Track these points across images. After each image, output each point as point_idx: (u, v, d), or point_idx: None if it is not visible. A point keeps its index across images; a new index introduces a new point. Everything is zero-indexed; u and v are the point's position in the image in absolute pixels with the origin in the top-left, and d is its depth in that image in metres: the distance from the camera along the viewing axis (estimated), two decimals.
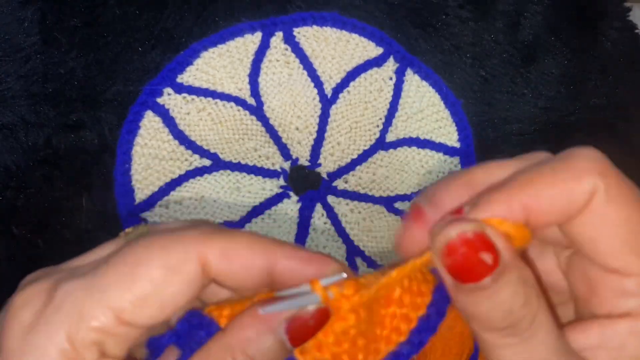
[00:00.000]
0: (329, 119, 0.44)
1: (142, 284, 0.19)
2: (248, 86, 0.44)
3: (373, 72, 0.45)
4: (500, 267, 0.17)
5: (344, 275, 0.20)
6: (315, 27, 0.45)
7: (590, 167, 0.18)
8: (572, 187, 0.18)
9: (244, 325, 0.20)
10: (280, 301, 0.20)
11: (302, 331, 0.20)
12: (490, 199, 0.18)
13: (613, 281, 0.18)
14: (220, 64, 0.43)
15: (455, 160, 0.45)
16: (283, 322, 0.20)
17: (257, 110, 0.43)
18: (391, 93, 0.45)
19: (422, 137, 0.45)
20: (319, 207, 0.43)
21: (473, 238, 0.17)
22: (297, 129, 0.44)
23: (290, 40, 0.44)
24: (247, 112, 0.43)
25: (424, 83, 0.45)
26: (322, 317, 0.20)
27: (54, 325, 0.19)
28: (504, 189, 0.18)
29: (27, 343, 0.18)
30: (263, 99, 0.44)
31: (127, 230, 0.23)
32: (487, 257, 0.17)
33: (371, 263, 0.42)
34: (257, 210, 0.42)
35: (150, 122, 0.42)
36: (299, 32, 0.45)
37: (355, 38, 0.45)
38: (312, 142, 0.44)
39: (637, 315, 0.18)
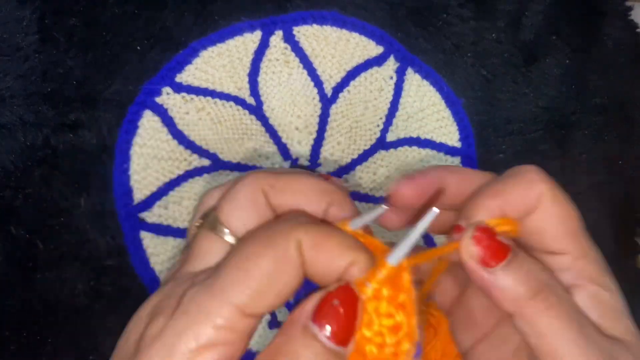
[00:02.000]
0: (329, 119, 0.44)
1: (257, 278, 0.20)
2: (247, 85, 0.43)
3: (373, 71, 0.45)
4: (513, 246, 0.23)
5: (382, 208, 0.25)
6: (315, 26, 0.44)
7: (538, 178, 0.25)
8: (528, 193, 0.24)
9: (289, 338, 0.20)
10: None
11: (330, 314, 0.20)
12: (477, 205, 0.24)
13: (554, 263, 0.24)
14: (220, 63, 0.43)
15: (457, 160, 0.45)
16: (309, 314, 0.20)
17: (257, 110, 0.43)
18: (392, 92, 0.45)
19: (422, 137, 0.45)
20: None
21: (489, 229, 0.23)
22: (297, 128, 0.44)
23: (290, 39, 0.44)
24: (246, 112, 0.43)
25: (425, 82, 0.45)
26: (348, 295, 0.20)
27: (181, 327, 0.20)
28: (484, 197, 0.24)
29: (159, 344, 0.20)
30: (262, 98, 0.43)
31: (195, 224, 0.25)
32: (503, 240, 0.23)
33: None
34: None
35: (149, 121, 0.42)
36: (298, 31, 0.44)
37: (355, 37, 0.45)
38: (312, 142, 0.44)
39: (576, 286, 0.24)
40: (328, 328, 0.19)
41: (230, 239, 0.23)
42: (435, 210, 0.22)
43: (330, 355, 0.19)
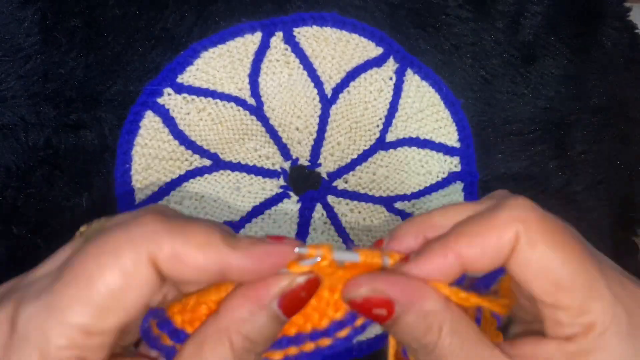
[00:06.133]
0: (329, 119, 0.44)
1: (100, 295, 0.19)
2: (248, 86, 0.44)
3: (373, 72, 0.45)
4: (395, 314, 0.21)
5: (318, 259, 0.21)
6: (315, 27, 0.45)
7: (513, 217, 0.20)
8: (496, 238, 0.20)
9: (236, 306, 0.20)
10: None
11: (295, 303, 0.21)
12: (430, 251, 0.21)
13: (550, 312, 0.21)
14: (221, 64, 0.43)
15: (455, 160, 0.45)
16: (275, 298, 0.21)
17: (257, 111, 0.43)
18: (391, 93, 0.45)
19: (422, 137, 0.45)
20: (319, 207, 0.43)
21: (370, 300, 0.21)
22: (297, 129, 0.44)
23: (290, 40, 0.44)
24: (247, 112, 0.43)
25: (424, 83, 0.45)
26: (313, 286, 0.21)
27: (24, 354, 0.19)
28: (441, 242, 0.21)
29: None
30: (263, 99, 0.44)
31: (81, 229, 0.23)
32: (380, 312, 0.21)
33: None
34: (257, 210, 0.42)
35: (150, 122, 0.42)
36: (299, 32, 0.45)
37: (355, 38, 0.45)
38: (312, 142, 0.44)
39: (567, 339, 0.21)
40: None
41: None
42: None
43: (278, 323, 0.21)
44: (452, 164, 0.45)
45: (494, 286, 0.24)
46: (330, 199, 0.43)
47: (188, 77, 0.43)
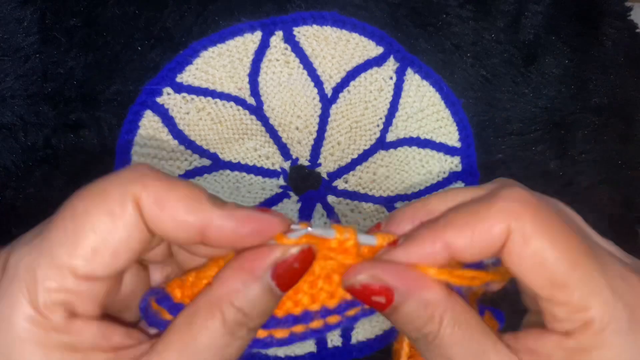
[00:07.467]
0: (329, 119, 0.44)
1: (87, 236, 0.18)
2: (248, 86, 0.43)
3: (373, 71, 0.45)
4: (395, 302, 0.21)
5: (309, 229, 0.21)
6: (315, 26, 0.45)
7: (506, 210, 0.20)
8: (486, 231, 0.20)
9: (228, 278, 0.20)
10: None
11: (289, 274, 0.20)
12: (418, 237, 0.21)
13: (547, 306, 0.20)
14: (220, 63, 0.43)
15: (456, 160, 0.45)
16: (268, 269, 0.20)
17: (257, 110, 0.43)
18: (391, 93, 0.45)
19: (422, 137, 0.45)
20: (319, 207, 0.43)
21: (369, 287, 0.21)
22: (297, 128, 0.44)
23: (290, 39, 0.44)
24: (247, 112, 0.43)
25: (425, 82, 0.45)
26: (308, 257, 0.21)
27: (12, 294, 0.18)
28: (430, 229, 0.21)
29: None
30: (263, 98, 0.43)
31: None
32: (379, 299, 0.21)
33: None
34: None
35: (149, 121, 0.42)
36: (299, 32, 0.44)
37: (355, 37, 0.45)
38: (312, 142, 0.44)
39: (566, 334, 0.20)
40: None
41: None
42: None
43: (273, 296, 0.20)
44: (453, 163, 0.45)
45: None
46: (331, 198, 0.43)
47: (187, 76, 0.43)
